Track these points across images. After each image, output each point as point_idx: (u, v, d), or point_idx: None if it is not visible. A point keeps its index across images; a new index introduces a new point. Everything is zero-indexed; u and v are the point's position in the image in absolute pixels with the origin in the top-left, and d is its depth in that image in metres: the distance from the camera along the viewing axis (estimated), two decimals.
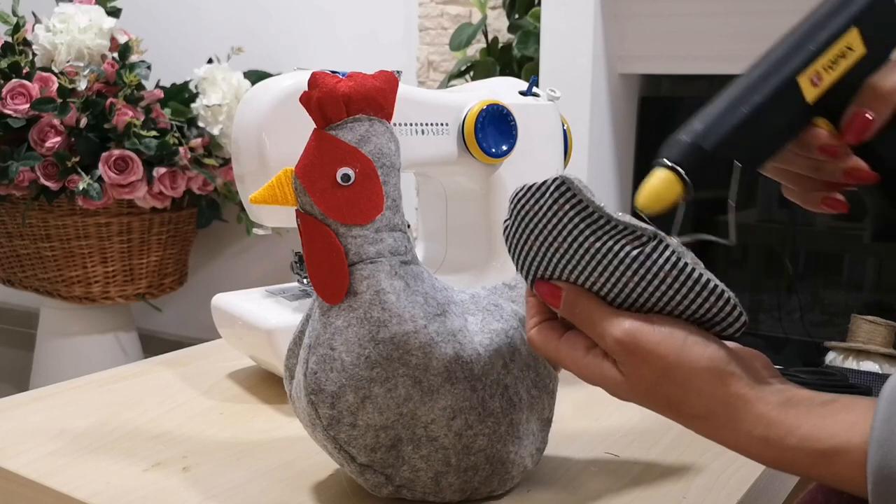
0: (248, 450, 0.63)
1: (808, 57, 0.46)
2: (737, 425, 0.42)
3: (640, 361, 0.43)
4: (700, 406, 0.43)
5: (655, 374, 0.43)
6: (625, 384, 0.44)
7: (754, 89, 0.46)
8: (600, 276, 0.44)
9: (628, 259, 0.43)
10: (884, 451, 0.38)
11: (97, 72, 1.54)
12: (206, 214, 1.81)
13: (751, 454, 0.43)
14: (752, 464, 0.61)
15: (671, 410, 0.44)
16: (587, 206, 0.44)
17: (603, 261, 0.44)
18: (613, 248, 0.44)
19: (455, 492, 0.54)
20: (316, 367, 0.50)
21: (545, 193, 0.45)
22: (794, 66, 0.46)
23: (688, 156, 0.44)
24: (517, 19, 1.43)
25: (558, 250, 0.45)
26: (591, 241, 0.44)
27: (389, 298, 0.50)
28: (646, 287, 0.44)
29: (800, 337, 1.36)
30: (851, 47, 0.47)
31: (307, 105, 0.50)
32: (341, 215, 0.50)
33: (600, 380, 0.45)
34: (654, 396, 0.44)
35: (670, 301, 0.44)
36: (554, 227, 0.45)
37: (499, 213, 0.76)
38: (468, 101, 0.73)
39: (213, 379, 0.79)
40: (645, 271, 0.43)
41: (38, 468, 0.59)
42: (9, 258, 1.72)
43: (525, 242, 0.47)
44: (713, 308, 0.44)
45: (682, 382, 0.43)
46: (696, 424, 0.44)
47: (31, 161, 1.50)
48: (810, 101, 0.46)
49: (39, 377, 1.75)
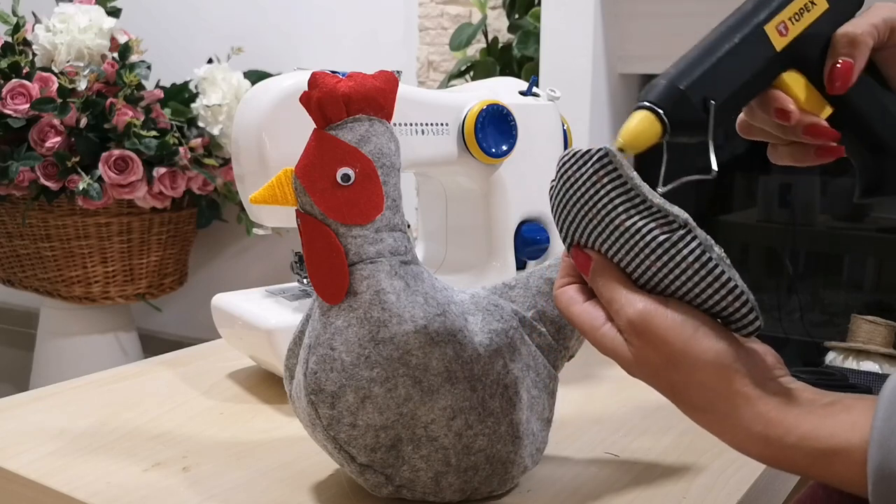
0: (248, 450, 0.63)
1: (773, 9, 0.49)
2: (736, 422, 0.42)
3: (647, 344, 0.44)
4: (701, 398, 0.43)
5: (661, 359, 0.43)
6: (633, 362, 0.45)
7: (725, 38, 0.49)
8: (627, 253, 0.45)
9: (654, 243, 0.44)
10: (884, 452, 0.38)
11: (97, 72, 1.54)
12: (206, 214, 1.81)
13: (750, 452, 0.43)
14: (752, 464, 0.61)
15: (674, 396, 0.45)
16: (625, 182, 0.45)
17: (630, 240, 0.45)
18: (642, 230, 0.44)
19: (455, 492, 0.54)
20: (316, 367, 0.50)
21: (588, 162, 0.46)
22: (761, 18, 0.49)
23: (665, 96, 0.47)
24: (517, 19, 1.43)
25: (592, 220, 0.46)
26: (623, 219, 0.45)
27: (389, 298, 0.50)
28: (667, 274, 0.44)
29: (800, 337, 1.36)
30: (815, 2, 0.50)
31: (307, 105, 0.50)
32: (341, 215, 0.50)
33: (611, 353, 0.46)
34: (659, 380, 0.44)
35: (689, 291, 0.44)
36: (591, 197, 0.45)
37: (499, 213, 0.76)
38: (468, 101, 0.73)
39: (213, 379, 0.79)
40: (668, 258, 0.44)
41: (38, 468, 0.59)
42: (9, 258, 1.72)
43: (565, 207, 0.47)
44: (729, 307, 0.44)
45: (686, 372, 0.43)
46: (696, 415, 0.44)
47: (31, 161, 1.50)
48: (778, 49, 0.49)
49: (39, 377, 1.75)
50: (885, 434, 0.38)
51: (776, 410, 0.42)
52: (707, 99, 0.47)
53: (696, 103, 0.47)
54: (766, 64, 0.49)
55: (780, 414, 0.42)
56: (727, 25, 0.50)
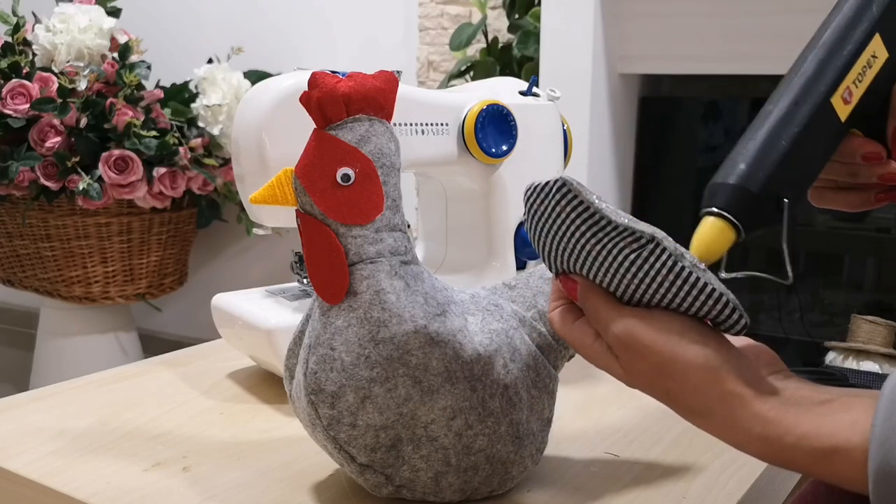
0: (248, 450, 0.63)
1: (837, 76, 0.45)
2: (734, 423, 0.42)
3: (636, 356, 0.44)
4: (697, 402, 0.43)
5: (652, 369, 0.44)
6: (626, 377, 0.46)
7: (790, 119, 0.44)
8: (605, 273, 0.45)
9: (627, 262, 0.44)
10: (885, 450, 0.38)
11: (97, 72, 1.54)
12: (206, 214, 1.81)
13: (750, 452, 0.43)
14: (752, 464, 0.61)
15: (671, 403, 0.45)
16: (588, 208, 0.44)
17: (605, 261, 0.45)
18: (612, 251, 0.44)
19: (455, 492, 0.54)
20: (316, 367, 0.50)
21: (549, 194, 0.46)
22: (826, 89, 0.45)
23: (736, 200, 0.43)
24: (517, 19, 1.43)
25: (566, 248, 0.47)
26: (592, 243, 0.45)
27: (389, 298, 0.50)
28: (646, 288, 0.44)
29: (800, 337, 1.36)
30: (876, 55, 0.46)
31: (307, 105, 0.50)
32: (341, 215, 0.50)
33: (605, 369, 0.47)
34: (655, 389, 0.45)
35: (671, 301, 0.44)
36: (559, 227, 0.46)
37: (499, 213, 0.76)
38: (468, 101, 0.73)
39: (213, 379, 0.79)
40: (643, 273, 0.44)
41: (38, 468, 0.59)
42: (9, 258, 1.72)
43: (540, 239, 0.48)
44: (712, 311, 0.44)
45: (679, 379, 0.43)
46: (695, 419, 0.44)
47: (31, 161, 1.50)
48: (844, 120, 0.45)
49: (39, 377, 1.75)
50: (885, 433, 0.38)
51: (774, 410, 0.42)
52: (781, 199, 0.43)
53: (768, 205, 0.43)
54: (833, 138, 0.46)
55: (778, 413, 0.42)
56: (790, 101, 0.45)
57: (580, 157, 1.31)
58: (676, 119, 1.43)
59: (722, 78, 1.37)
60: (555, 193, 0.46)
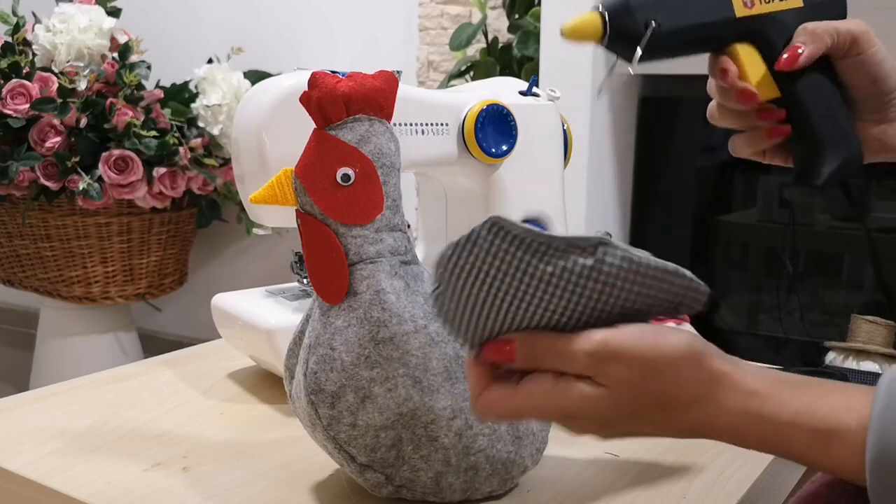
0: (248, 450, 0.63)
1: None
2: (727, 404, 0.41)
3: (619, 366, 0.41)
4: (688, 393, 0.42)
5: (638, 373, 0.41)
6: (607, 396, 0.42)
7: None
8: (559, 302, 0.43)
9: (585, 271, 0.42)
10: (882, 444, 0.38)
11: (97, 72, 1.54)
12: (206, 214, 1.81)
13: (748, 437, 0.42)
14: (752, 463, 0.61)
15: (662, 408, 0.42)
16: (525, 238, 0.42)
17: (560, 283, 0.42)
18: (567, 266, 0.42)
19: (455, 492, 0.54)
20: (316, 367, 0.50)
21: (478, 241, 0.43)
22: None
23: (614, 4, 0.52)
24: (517, 19, 1.43)
25: (507, 295, 0.43)
26: (543, 268, 0.42)
27: (389, 298, 0.50)
28: (610, 292, 0.43)
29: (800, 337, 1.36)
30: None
31: (307, 105, 0.50)
32: (341, 215, 0.50)
33: (577, 403, 0.42)
34: (642, 398, 0.42)
35: (637, 298, 0.43)
36: (497, 270, 0.43)
37: (499, 213, 0.76)
38: (468, 101, 0.73)
39: (213, 379, 0.79)
40: (605, 276, 0.42)
41: (38, 468, 0.59)
42: (9, 258, 1.72)
43: (466, 304, 0.43)
44: (677, 287, 0.43)
45: (666, 373, 0.41)
46: (688, 417, 0.42)
47: (31, 161, 1.50)
48: (737, 16, 0.53)
49: (39, 377, 1.75)
50: (883, 424, 0.38)
51: (766, 387, 0.41)
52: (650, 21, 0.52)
53: (639, 19, 0.52)
54: (720, 22, 0.53)
55: (771, 390, 0.41)
56: None
57: (580, 157, 1.31)
58: (676, 119, 1.43)
59: None
60: (487, 236, 0.42)
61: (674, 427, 0.43)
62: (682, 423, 0.43)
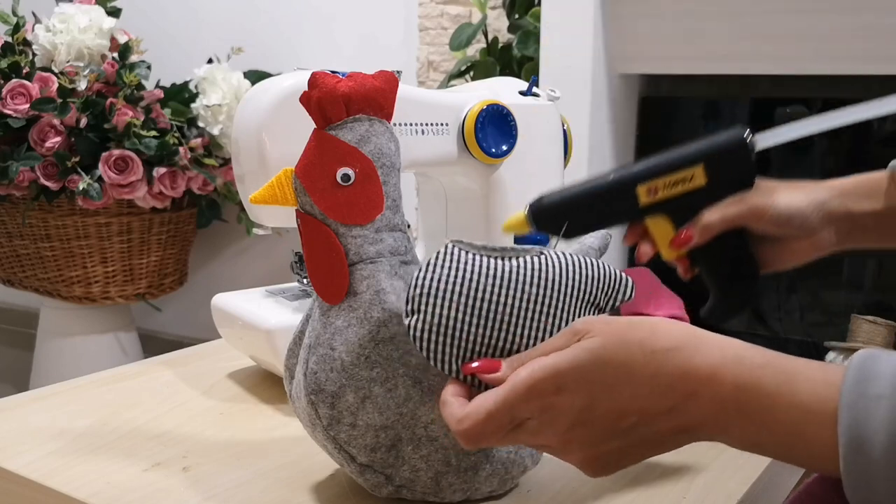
0: (248, 450, 0.63)
1: (650, 175, 0.59)
2: (703, 368, 0.41)
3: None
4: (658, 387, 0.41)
5: (587, 398, 0.42)
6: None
7: (600, 179, 0.60)
8: (520, 300, 0.47)
9: (536, 262, 0.48)
10: (855, 446, 0.37)
11: (97, 72, 1.54)
12: (206, 214, 1.81)
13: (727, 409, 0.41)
14: (752, 463, 0.61)
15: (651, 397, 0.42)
16: (484, 246, 0.48)
17: (517, 277, 0.48)
18: (521, 262, 0.48)
19: (455, 492, 0.54)
20: (316, 367, 0.50)
21: (443, 258, 0.47)
22: (635, 178, 0.59)
23: (534, 207, 0.60)
24: (517, 19, 1.43)
25: (476, 300, 0.47)
26: (502, 265, 0.47)
27: (389, 298, 0.50)
28: (558, 282, 0.48)
29: (800, 337, 1.36)
30: (694, 177, 0.58)
31: (307, 105, 0.50)
32: (341, 215, 0.50)
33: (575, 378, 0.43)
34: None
35: (579, 292, 0.49)
36: (464, 278, 0.47)
37: (499, 213, 0.76)
38: (468, 101, 0.73)
39: (213, 379, 0.79)
40: (551, 268, 0.48)
41: (38, 468, 0.59)
42: (9, 258, 1.72)
43: (440, 323, 0.47)
44: (612, 278, 0.51)
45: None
46: (672, 397, 0.42)
47: (31, 161, 1.50)
48: (642, 205, 0.59)
49: (39, 377, 1.75)
50: (853, 398, 0.38)
51: (735, 346, 0.42)
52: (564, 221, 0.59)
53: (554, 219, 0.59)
54: (627, 211, 0.60)
55: (742, 348, 0.42)
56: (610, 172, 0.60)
57: (580, 157, 1.31)
58: (676, 119, 1.43)
59: (722, 78, 1.37)
60: (451, 249, 0.48)
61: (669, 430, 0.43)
62: (675, 416, 0.42)
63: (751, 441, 0.42)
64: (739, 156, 0.58)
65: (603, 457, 0.44)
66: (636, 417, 0.42)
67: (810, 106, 1.30)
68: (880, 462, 0.36)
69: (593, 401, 0.42)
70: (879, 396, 0.37)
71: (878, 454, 0.36)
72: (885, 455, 0.36)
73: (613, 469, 0.45)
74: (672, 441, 0.43)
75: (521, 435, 0.44)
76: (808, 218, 0.59)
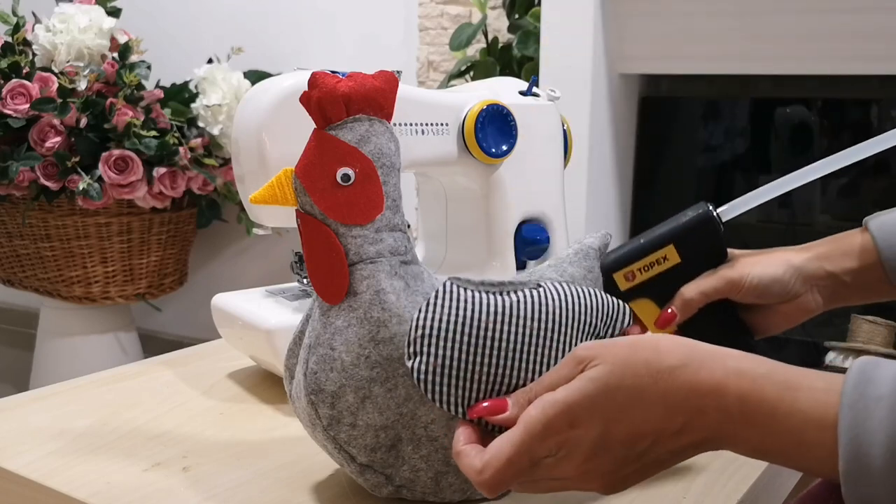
0: (248, 450, 0.63)
1: (626, 261, 0.61)
2: (707, 366, 0.42)
3: (585, 427, 0.42)
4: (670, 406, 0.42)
5: (601, 426, 0.42)
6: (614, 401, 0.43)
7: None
8: (522, 334, 0.49)
9: (535, 295, 0.49)
10: (854, 446, 0.38)
11: (97, 72, 1.54)
12: (206, 214, 1.81)
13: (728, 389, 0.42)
14: (752, 463, 0.61)
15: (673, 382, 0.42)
16: (482, 283, 0.49)
17: (517, 312, 0.49)
18: (520, 296, 0.49)
19: (455, 492, 0.54)
20: (316, 367, 0.50)
21: (443, 296, 0.48)
22: (611, 267, 0.61)
23: None
24: (517, 19, 1.43)
25: (478, 338, 0.48)
26: (501, 300, 0.48)
27: (389, 298, 0.50)
28: (557, 315, 0.50)
29: (800, 337, 1.36)
30: (667, 257, 0.60)
31: (307, 105, 0.50)
32: (341, 215, 0.50)
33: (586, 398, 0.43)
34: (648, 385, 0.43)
35: (577, 323, 0.51)
36: (465, 317, 0.48)
37: (499, 212, 0.76)
38: (468, 101, 0.73)
39: (213, 379, 0.79)
40: (549, 300, 0.50)
41: (38, 468, 0.59)
42: (9, 258, 1.72)
43: (449, 368, 0.48)
44: (609, 306, 0.53)
45: (629, 403, 0.42)
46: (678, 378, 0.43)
47: (31, 161, 1.50)
48: (623, 290, 0.61)
49: (39, 377, 1.75)
50: (853, 399, 0.38)
51: (736, 358, 0.42)
52: None
53: None
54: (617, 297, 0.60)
55: (744, 360, 0.42)
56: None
57: (580, 157, 1.31)
58: (676, 119, 1.43)
59: (722, 78, 1.37)
60: (450, 288, 0.49)
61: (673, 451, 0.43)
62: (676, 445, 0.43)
63: (757, 449, 0.42)
64: (707, 231, 0.60)
65: (619, 477, 0.44)
66: (651, 439, 0.43)
67: (810, 106, 1.30)
68: (879, 461, 0.37)
69: (607, 428, 0.43)
70: (879, 397, 0.38)
71: (878, 452, 0.37)
72: (884, 455, 0.37)
73: (628, 485, 0.45)
74: (682, 456, 0.44)
75: (539, 472, 0.44)
76: (788, 284, 0.60)
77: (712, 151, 1.42)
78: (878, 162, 0.59)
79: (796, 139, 1.33)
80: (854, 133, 1.28)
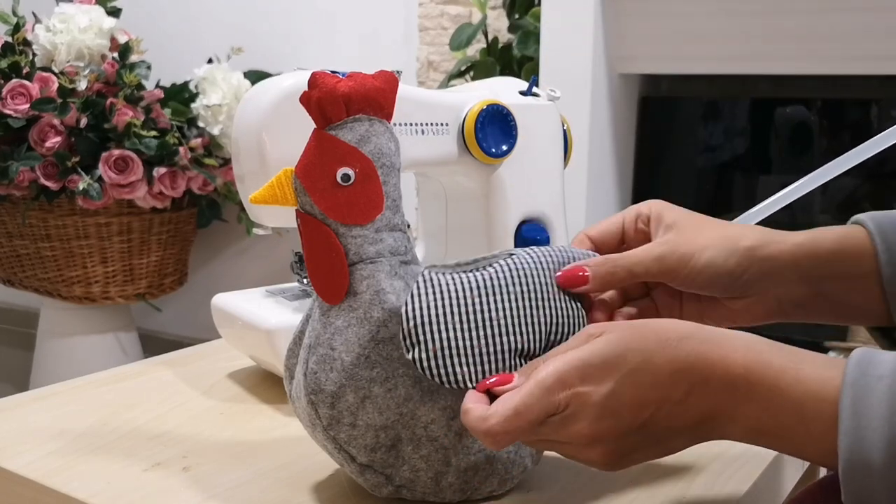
0: (248, 450, 0.63)
1: None
2: (713, 339, 0.44)
3: (597, 382, 0.43)
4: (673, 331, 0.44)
5: (612, 384, 0.43)
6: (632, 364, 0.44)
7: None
8: (506, 304, 0.50)
9: (510, 263, 0.52)
10: (853, 445, 0.38)
11: (97, 72, 1.54)
12: (206, 214, 1.81)
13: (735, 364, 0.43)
14: (752, 463, 0.61)
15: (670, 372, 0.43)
16: (458, 263, 0.51)
17: (496, 283, 0.51)
18: (496, 268, 0.51)
19: (455, 492, 0.54)
20: (316, 367, 0.50)
21: (424, 285, 0.49)
22: None
23: None
24: (517, 19, 1.43)
25: (468, 314, 0.49)
26: (478, 276, 0.50)
27: (389, 298, 0.50)
28: (535, 283, 0.52)
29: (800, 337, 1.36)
30: None
31: (307, 105, 0.50)
32: (341, 215, 0.50)
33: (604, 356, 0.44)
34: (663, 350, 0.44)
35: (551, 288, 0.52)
36: (450, 298, 0.49)
37: (499, 213, 0.76)
38: (468, 101, 0.73)
39: (213, 379, 0.79)
40: (523, 268, 0.52)
41: (38, 468, 0.59)
42: (9, 258, 1.72)
43: (448, 350, 0.49)
44: (579, 255, 0.56)
45: (639, 365, 0.43)
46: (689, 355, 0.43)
47: (31, 161, 1.50)
48: None
49: (39, 377, 1.75)
50: (855, 376, 0.39)
51: (744, 336, 0.44)
52: None
53: None
54: None
55: (751, 338, 0.44)
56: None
57: (580, 157, 1.31)
58: (676, 119, 1.43)
59: (722, 78, 1.37)
60: (429, 276, 0.50)
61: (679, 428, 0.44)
62: (685, 420, 0.44)
63: (754, 428, 0.43)
64: None
65: (621, 450, 0.45)
66: (654, 407, 0.43)
67: (810, 106, 1.30)
68: (877, 434, 0.38)
69: (618, 386, 0.43)
70: (881, 376, 0.39)
71: (876, 425, 0.38)
72: (882, 428, 0.37)
73: (627, 464, 0.46)
74: (681, 437, 0.45)
75: (545, 430, 0.44)
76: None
77: (712, 151, 1.42)
78: (879, 162, 0.59)
79: (796, 139, 1.33)
80: (854, 133, 1.28)
